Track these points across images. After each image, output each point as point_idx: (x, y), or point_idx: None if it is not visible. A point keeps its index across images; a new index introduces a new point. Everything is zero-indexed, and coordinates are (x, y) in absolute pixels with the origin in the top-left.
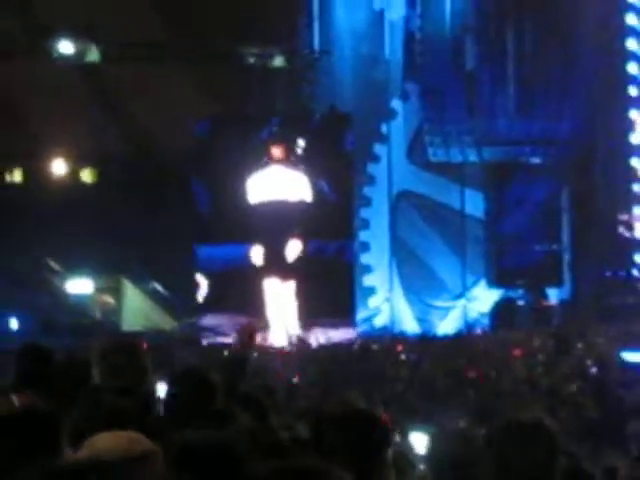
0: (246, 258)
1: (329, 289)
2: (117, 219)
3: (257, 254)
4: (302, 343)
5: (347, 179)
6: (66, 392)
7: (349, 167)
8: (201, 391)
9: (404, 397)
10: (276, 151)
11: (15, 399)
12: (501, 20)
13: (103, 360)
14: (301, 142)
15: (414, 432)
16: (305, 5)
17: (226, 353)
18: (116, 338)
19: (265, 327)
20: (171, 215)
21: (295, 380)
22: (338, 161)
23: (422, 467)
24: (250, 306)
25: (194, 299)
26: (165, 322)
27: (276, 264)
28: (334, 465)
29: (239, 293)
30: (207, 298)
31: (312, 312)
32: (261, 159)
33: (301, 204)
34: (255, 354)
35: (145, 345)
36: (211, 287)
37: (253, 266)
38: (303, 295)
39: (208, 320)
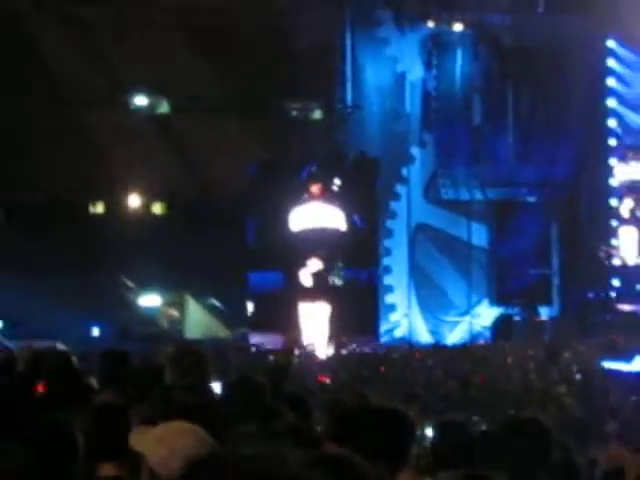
0: (285, 282)
1: (357, 308)
2: (182, 245)
3: (305, 276)
4: (335, 351)
5: (374, 214)
6: (141, 390)
7: (375, 203)
8: (252, 393)
9: (420, 397)
10: (314, 188)
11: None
12: (502, 82)
13: (173, 363)
14: (337, 181)
15: (428, 427)
16: (340, 67)
17: (271, 358)
18: (183, 345)
19: (302, 340)
20: (226, 242)
21: (328, 381)
22: (367, 198)
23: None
24: (288, 323)
25: (244, 313)
26: (221, 331)
27: (313, 289)
28: (363, 456)
29: (279, 313)
30: (253, 318)
31: (343, 326)
32: (301, 196)
33: (337, 232)
34: (296, 360)
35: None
36: (256, 308)
37: (291, 289)
38: (335, 313)
39: (253, 338)
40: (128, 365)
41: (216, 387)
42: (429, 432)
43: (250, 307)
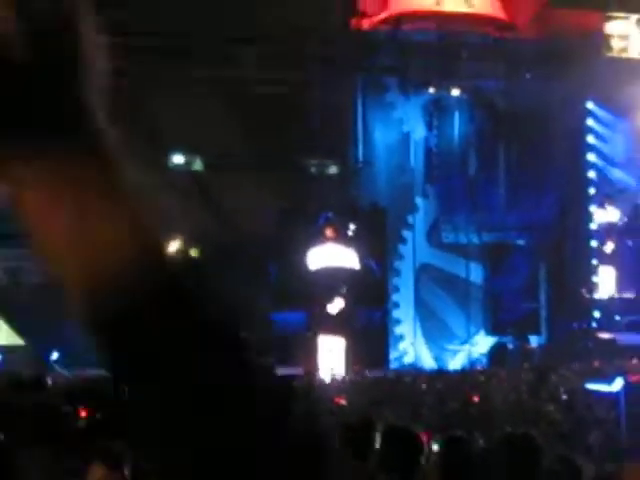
0: (308, 320)
1: (370, 340)
2: (214, 283)
3: (330, 310)
4: (350, 377)
5: (383, 256)
6: None
7: (385, 247)
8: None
9: (426, 416)
10: (329, 231)
11: None
12: (495, 140)
13: None
14: (352, 226)
15: (434, 443)
16: (352, 128)
17: (295, 383)
18: None
19: (319, 369)
20: (253, 280)
21: (343, 402)
22: (377, 243)
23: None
24: (307, 355)
25: (268, 346)
26: None
27: (329, 326)
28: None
29: (298, 346)
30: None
31: (357, 358)
32: (318, 239)
33: (352, 271)
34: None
35: None
36: (278, 345)
37: (313, 325)
38: (350, 346)
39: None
40: None
41: None
42: (435, 447)
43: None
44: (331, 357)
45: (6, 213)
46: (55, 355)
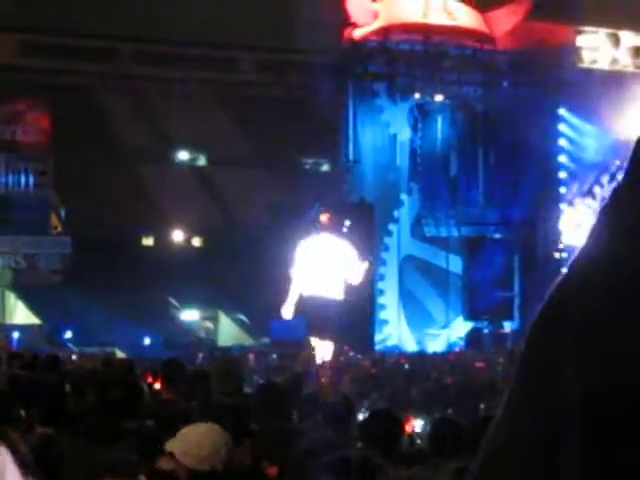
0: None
1: (358, 328)
2: (216, 271)
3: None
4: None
5: (371, 248)
6: (192, 392)
7: (372, 239)
8: (273, 396)
9: (407, 394)
10: (324, 217)
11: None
12: (474, 142)
13: (217, 373)
14: (347, 222)
15: (416, 419)
16: (343, 130)
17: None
18: (226, 358)
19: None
20: (250, 268)
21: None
22: (366, 235)
23: (419, 441)
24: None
25: (265, 326)
26: (245, 340)
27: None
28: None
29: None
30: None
31: (346, 340)
32: (312, 229)
33: (336, 303)
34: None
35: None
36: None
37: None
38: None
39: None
40: (184, 371)
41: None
42: (416, 423)
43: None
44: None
45: (26, 202)
46: (68, 334)
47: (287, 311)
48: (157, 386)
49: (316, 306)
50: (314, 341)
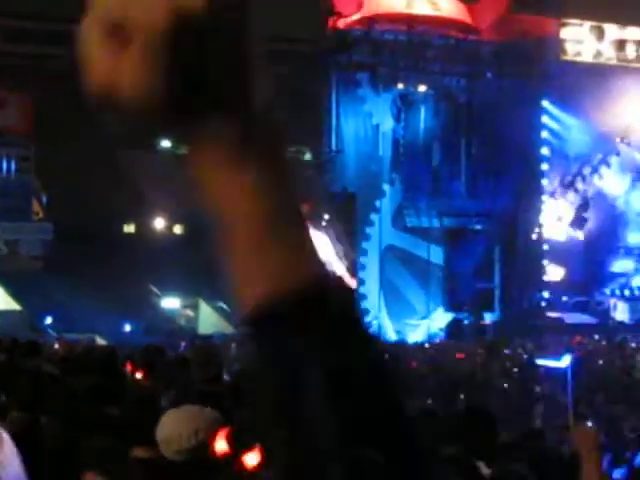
0: None
1: None
2: (197, 258)
3: None
4: None
5: (352, 238)
6: (170, 379)
7: (355, 229)
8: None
9: None
10: (304, 206)
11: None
12: (457, 133)
13: (196, 359)
14: (326, 216)
15: None
16: (326, 119)
17: None
18: (204, 345)
19: None
20: None
21: None
22: (347, 224)
23: None
24: None
25: None
26: (226, 328)
27: None
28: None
29: None
30: None
31: None
32: None
33: None
34: None
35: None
36: None
37: None
38: None
39: None
40: (164, 357)
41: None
42: None
43: None
44: None
45: (7, 187)
46: (49, 320)
47: None
48: (138, 374)
49: None
50: None
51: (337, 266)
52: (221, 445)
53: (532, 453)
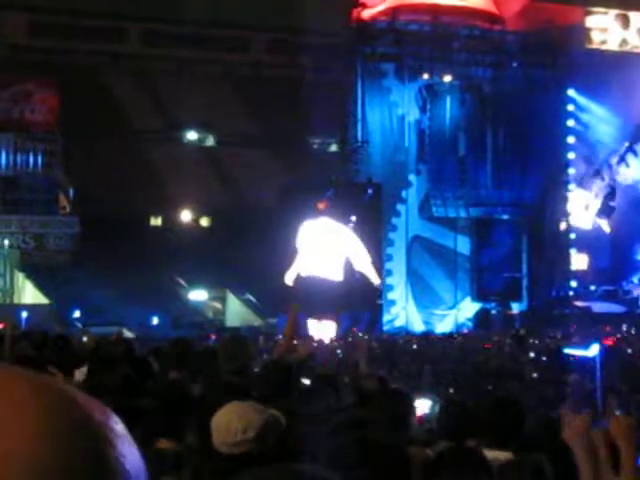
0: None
1: (365, 308)
2: (224, 251)
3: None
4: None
5: (379, 229)
6: (199, 372)
7: (381, 219)
8: (281, 374)
9: (415, 374)
10: (320, 205)
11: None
12: (483, 123)
13: (224, 351)
14: (353, 218)
15: (421, 398)
16: (352, 110)
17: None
18: (234, 336)
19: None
20: (258, 248)
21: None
22: (374, 214)
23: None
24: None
25: (273, 306)
26: (254, 320)
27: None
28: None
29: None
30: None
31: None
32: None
33: (339, 284)
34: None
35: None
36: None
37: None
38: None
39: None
40: (192, 350)
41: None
42: (421, 402)
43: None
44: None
45: (34, 182)
46: (77, 313)
47: (289, 278)
48: (166, 367)
49: (315, 286)
50: (313, 324)
51: (364, 263)
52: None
53: (551, 442)
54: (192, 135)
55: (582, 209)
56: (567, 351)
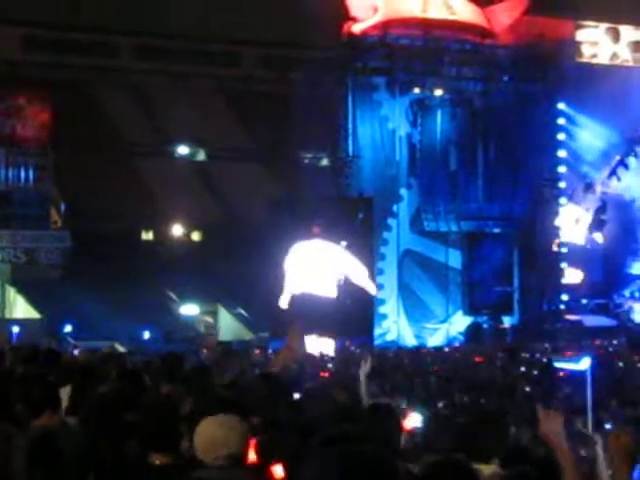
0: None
1: (358, 323)
2: (215, 265)
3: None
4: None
5: (370, 243)
6: (191, 386)
7: (371, 233)
8: (274, 387)
9: (406, 388)
10: (315, 229)
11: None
12: (474, 137)
13: (217, 365)
14: (343, 242)
15: (412, 412)
16: (343, 124)
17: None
18: (226, 351)
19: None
20: (249, 262)
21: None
22: (364, 229)
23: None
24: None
25: (264, 321)
26: (245, 335)
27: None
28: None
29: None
30: (275, 328)
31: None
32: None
33: (333, 302)
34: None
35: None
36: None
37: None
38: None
39: (274, 343)
40: (182, 365)
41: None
42: (413, 418)
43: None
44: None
45: (25, 196)
46: (68, 328)
47: (284, 302)
48: (157, 381)
49: (310, 304)
50: (311, 339)
51: (361, 277)
52: (250, 455)
53: (543, 455)
54: (183, 149)
55: (573, 223)
56: (558, 365)
